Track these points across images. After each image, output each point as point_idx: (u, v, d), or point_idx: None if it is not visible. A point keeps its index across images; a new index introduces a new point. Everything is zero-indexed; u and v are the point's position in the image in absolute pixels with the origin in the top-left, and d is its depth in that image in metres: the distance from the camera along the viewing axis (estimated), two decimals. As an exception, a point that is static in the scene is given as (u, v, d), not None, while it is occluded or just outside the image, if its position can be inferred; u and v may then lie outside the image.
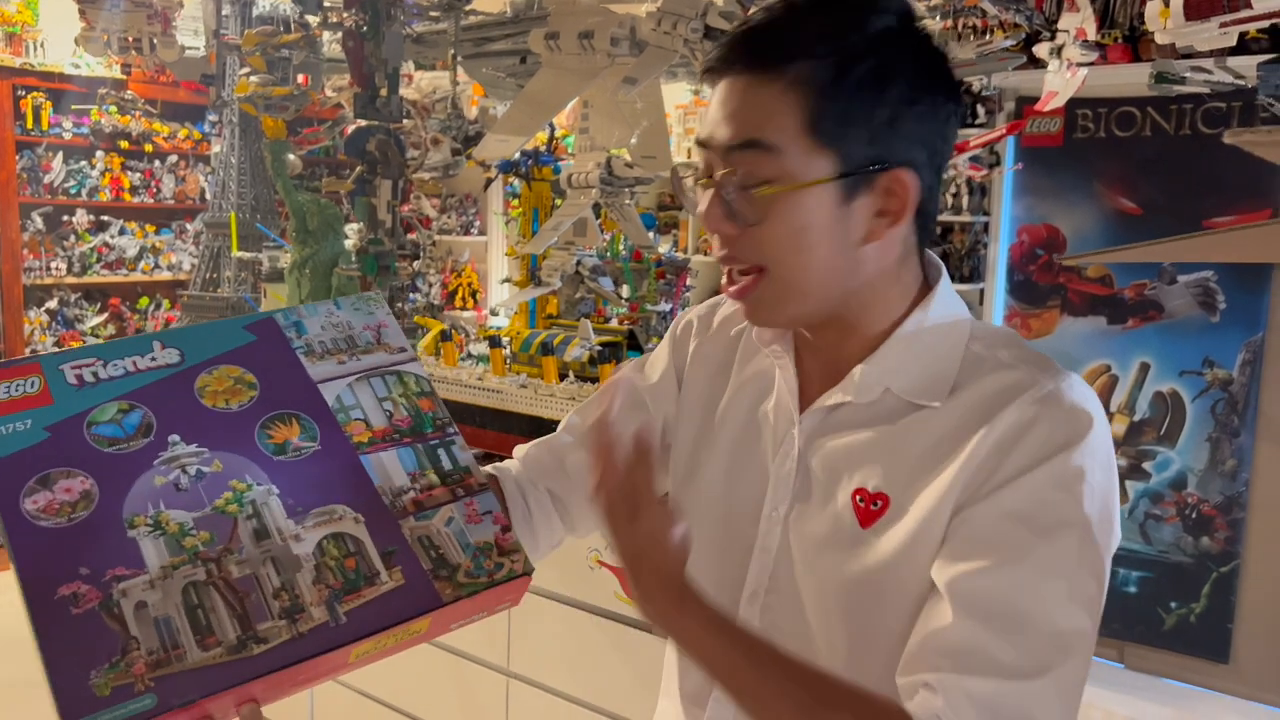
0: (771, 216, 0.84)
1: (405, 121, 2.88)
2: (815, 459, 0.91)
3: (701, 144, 0.88)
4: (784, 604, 0.92)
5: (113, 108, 4.98)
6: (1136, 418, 3.90)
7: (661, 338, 2.51)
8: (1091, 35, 3.18)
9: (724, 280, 0.92)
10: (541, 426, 2.38)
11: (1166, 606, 3.84)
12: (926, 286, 0.92)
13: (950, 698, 0.76)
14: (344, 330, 1.04)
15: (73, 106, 4.95)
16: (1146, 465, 3.89)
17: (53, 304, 5.04)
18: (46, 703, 0.77)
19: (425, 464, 0.98)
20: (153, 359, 0.96)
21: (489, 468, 1.12)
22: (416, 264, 5.59)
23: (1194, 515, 3.79)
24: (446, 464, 0.99)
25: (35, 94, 4.81)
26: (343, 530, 0.90)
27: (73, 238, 5.06)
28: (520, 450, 1.17)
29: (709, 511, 1.00)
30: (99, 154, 5.05)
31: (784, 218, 0.84)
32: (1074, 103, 3.56)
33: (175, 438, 0.91)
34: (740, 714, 0.94)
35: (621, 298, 2.61)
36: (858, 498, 0.87)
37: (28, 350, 4.87)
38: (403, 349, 1.05)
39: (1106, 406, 3.98)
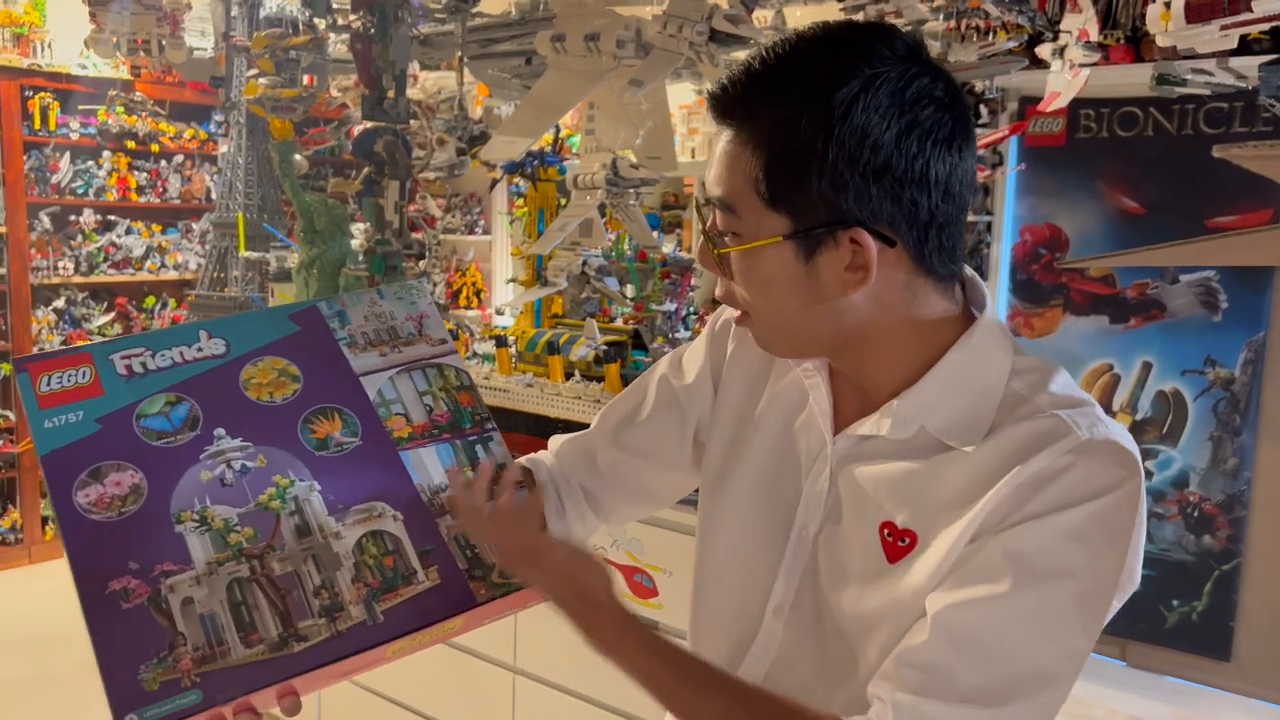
0: (737, 271, 0.87)
1: (411, 122, 2.90)
2: (846, 483, 0.91)
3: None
4: (807, 622, 0.92)
5: (120, 108, 5.00)
6: (1138, 417, 3.92)
7: (666, 338, 2.53)
8: (1094, 36, 3.19)
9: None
10: (548, 425, 2.40)
11: (1169, 604, 3.85)
12: (970, 314, 0.90)
13: (900, 716, 0.78)
14: (386, 321, 1.04)
15: (80, 107, 4.98)
16: (1149, 464, 3.90)
17: (60, 303, 5.06)
18: (47, 700, 0.79)
19: (463, 460, 0.99)
20: (199, 349, 0.96)
21: (523, 459, 1.13)
22: (422, 263, 5.62)
23: (1196, 514, 3.80)
24: (484, 460, 1.00)
25: (43, 94, 4.83)
26: (382, 528, 0.92)
27: (80, 237, 5.09)
28: (555, 443, 1.18)
29: (738, 520, 1.00)
30: (106, 154, 5.07)
31: (747, 273, 0.87)
32: (1077, 103, 3.57)
33: (221, 431, 0.93)
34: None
35: (626, 297, 2.63)
36: (885, 531, 0.87)
37: (36, 349, 4.89)
38: (444, 341, 1.05)
39: (1109, 406, 3.99)
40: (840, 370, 0.94)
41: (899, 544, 0.86)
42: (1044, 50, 3.37)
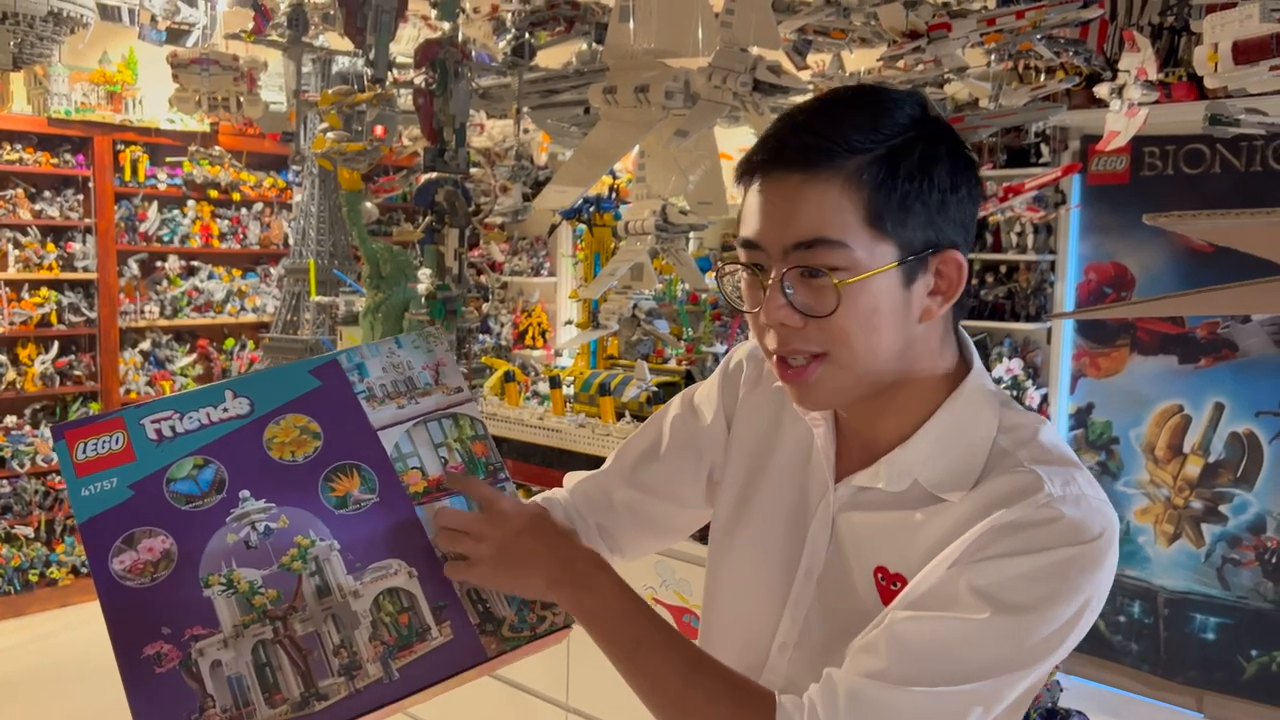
0: (844, 306, 0.87)
1: (474, 170, 3.00)
2: (846, 528, 0.96)
3: (750, 244, 0.90)
4: (809, 659, 0.96)
5: (203, 161, 5.25)
6: (1211, 459, 3.82)
7: (716, 379, 2.56)
8: (1152, 75, 3.17)
9: (772, 366, 0.94)
10: (600, 466, 2.44)
11: (1246, 654, 3.72)
12: (964, 366, 0.95)
13: (824, 685, 0.84)
14: (404, 371, 1.06)
15: (166, 159, 5.23)
16: (1223, 508, 3.79)
17: (146, 345, 5.30)
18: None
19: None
20: (225, 410, 1.00)
21: (538, 497, 1.17)
22: (486, 306, 5.75)
23: (1274, 559, 3.68)
24: None
25: (133, 148, 5.10)
26: (397, 585, 0.94)
27: (165, 282, 5.33)
28: (571, 480, 1.21)
29: (749, 559, 1.04)
30: (190, 203, 5.32)
31: (856, 305, 0.87)
32: (1141, 140, 3.53)
33: (245, 493, 0.96)
34: None
35: (679, 340, 2.68)
36: (879, 576, 0.92)
37: (123, 390, 5.12)
38: (459, 389, 1.07)
39: (1179, 448, 3.90)
40: (848, 420, 0.98)
41: (891, 587, 0.90)
42: (1102, 90, 3.35)
